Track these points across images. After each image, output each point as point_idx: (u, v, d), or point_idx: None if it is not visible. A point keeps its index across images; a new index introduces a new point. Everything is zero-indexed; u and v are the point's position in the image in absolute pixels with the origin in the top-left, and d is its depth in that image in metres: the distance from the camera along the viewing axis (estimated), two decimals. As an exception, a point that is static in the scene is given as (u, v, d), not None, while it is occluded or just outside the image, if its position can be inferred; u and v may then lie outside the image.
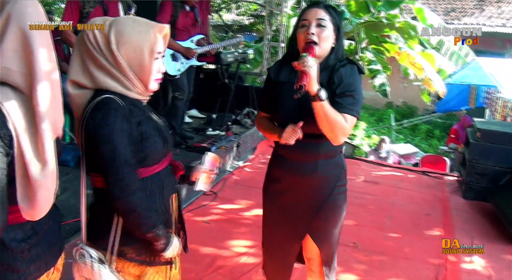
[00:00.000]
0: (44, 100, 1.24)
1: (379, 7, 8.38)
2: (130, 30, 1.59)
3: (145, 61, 1.61)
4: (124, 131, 1.55)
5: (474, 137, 5.20)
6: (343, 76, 2.03)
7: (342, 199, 2.23)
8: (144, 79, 1.64)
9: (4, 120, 1.17)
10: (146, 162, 1.66)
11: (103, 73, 1.59)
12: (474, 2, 15.63)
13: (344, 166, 2.24)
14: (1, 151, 1.17)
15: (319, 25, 2.01)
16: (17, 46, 1.20)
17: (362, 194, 5.07)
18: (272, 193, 2.29)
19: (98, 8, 3.85)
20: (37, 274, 1.41)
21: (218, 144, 5.22)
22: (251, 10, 13.78)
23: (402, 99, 16.14)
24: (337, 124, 1.94)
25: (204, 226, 4.04)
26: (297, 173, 2.16)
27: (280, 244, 2.32)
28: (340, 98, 2.00)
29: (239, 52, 6.10)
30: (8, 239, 1.31)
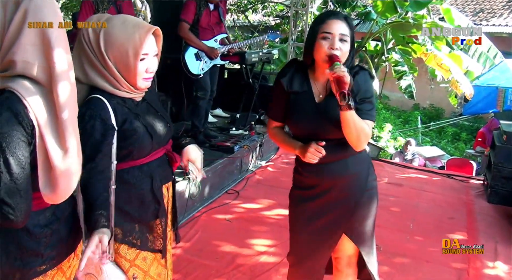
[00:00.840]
0: (64, 91, 1.28)
1: (406, 7, 8.30)
2: (117, 31, 1.65)
3: (130, 62, 1.66)
4: (95, 132, 1.63)
5: (501, 140, 5.12)
6: (360, 83, 2.03)
7: (375, 193, 2.25)
8: (130, 79, 1.71)
9: (26, 111, 1.22)
10: (131, 157, 1.76)
11: (94, 71, 1.68)
12: (503, 3, 15.34)
13: (370, 160, 2.29)
14: (24, 139, 1.22)
15: (341, 40, 1.99)
16: (35, 40, 1.24)
17: (385, 195, 5.02)
18: (303, 199, 2.24)
19: (112, 9, 3.91)
20: (59, 259, 1.47)
21: (241, 143, 5.24)
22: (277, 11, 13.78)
23: (429, 101, 15.95)
24: (363, 132, 1.97)
25: (226, 224, 4.08)
26: (327, 175, 2.13)
27: (313, 249, 2.27)
28: (360, 105, 2.01)
29: (263, 52, 6.12)
30: (32, 225, 1.36)
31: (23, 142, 1.21)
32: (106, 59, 1.65)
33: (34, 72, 1.24)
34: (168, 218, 1.96)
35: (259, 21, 14.60)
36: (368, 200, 2.20)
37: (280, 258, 3.42)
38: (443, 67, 8.67)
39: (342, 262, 2.29)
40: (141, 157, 1.79)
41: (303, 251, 2.29)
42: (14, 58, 1.22)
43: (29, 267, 1.39)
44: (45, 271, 1.43)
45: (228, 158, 4.90)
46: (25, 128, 1.22)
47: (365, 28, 10.53)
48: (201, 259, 3.41)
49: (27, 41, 1.22)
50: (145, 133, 1.76)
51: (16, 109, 1.20)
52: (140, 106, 1.81)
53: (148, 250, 1.86)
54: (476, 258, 3.67)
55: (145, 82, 1.75)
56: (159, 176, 1.86)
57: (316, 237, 2.23)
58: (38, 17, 1.24)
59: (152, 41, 1.72)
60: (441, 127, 14.70)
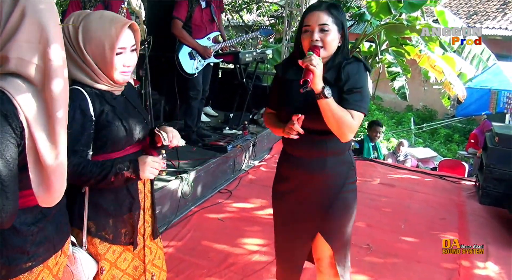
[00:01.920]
0: (58, 90, 1.28)
1: (400, 9, 8.31)
2: (94, 26, 1.70)
3: (107, 56, 1.71)
4: (74, 122, 1.67)
5: (493, 142, 5.14)
6: (350, 73, 2.05)
7: (352, 196, 2.23)
8: (108, 73, 1.75)
9: (16, 113, 1.20)
10: (105, 148, 1.80)
11: (74, 65, 1.72)
12: (497, 6, 15.42)
13: (353, 163, 2.24)
14: (12, 142, 1.20)
15: (322, 30, 2.02)
16: (32, 37, 1.23)
17: (377, 196, 5.05)
18: (281, 192, 2.29)
19: (99, 7, 3.88)
20: (46, 256, 1.48)
21: (234, 143, 5.25)
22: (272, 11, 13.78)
23: (422, 103, 16.00)
24: (344, 122, 1.97)
25: (218, 223, 4.08)
26: (305, 170, 2.17)
27: (290, 244, 2.32)
28: (347, 95, 2.02)
29: (257, 52, 6.13)
30: (19, 223, 1.37)
31: (12, 144, 1.20)
32: (85, 53, 1.69)
33: (27, 70, 1.23)
34: (145, 213, 1.99)
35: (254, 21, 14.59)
36: (344, 202, 2.19)
37: (272, 258, 3.41)
38: (436, 69, 8.69)
39: (323, 263, 2.28)
40: (115, 150, 1.82)
41: (282, 244, 2.36)
42: (8, 54, 1.21)
43: (15, 264, 1.39)
44: (31, 268, 1.43)
45: (221, 157, 4.90)
46: (14, 130, 1.21)
47: (359, 29, 10.54)
48: (193, 258, 3.41)
49: (23, 38, 1.22)
50: (119, 126, 1.79)
51: (6, 110, 1.18)
52: (117, 100, 1.85)
53: (120, 244, 1.90)
54: (467, 258, 3.69)
55: (122, 76, 1.79)
56: None
57: (292, 231, 2.27)
58: (36, 15, 1.23)
59: (129, 36, 1.77)
60: (434, 128, 14.75)
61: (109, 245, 1.87)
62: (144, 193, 1.98)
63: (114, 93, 1.84)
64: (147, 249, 2.01)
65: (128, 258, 1.95)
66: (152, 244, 2.06)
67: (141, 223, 1.97)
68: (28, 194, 1.33)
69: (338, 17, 2.05)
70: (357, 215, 2.28)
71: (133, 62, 1.81)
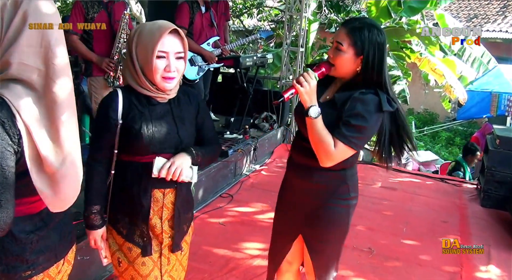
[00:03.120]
0: (61, 94, 1.27)
1: (400, 12, 8.35)
2: (144, 32, 1.80)
3: (148, 58, 1.78)
4: (100, 118, 1.87)
5: (494, 144, 5.14)
6: (356, 106, 1.91)
7: (339, 212, 2.12)
8: (151, 77, 1.81)
9: (14, 120, 1.19)
10: (130, 151, 1.88)
11: (127, 70, 1.87)
12: (497, 9, 15.45)
13: (347, 180, 2.10)
14: (9, 149, 1.19)
15: (336, 48, 1.96)
16: (34, 42, 1.22)
17: (379, 199, 5.04)
18: (281, 190, 2.34)
19: (102, 13, 3.89)
20: (46, 265, 1.45)
21: (235, 147, 5.25)
22: (272, 16, 13.81)
23: (423, 106, 16.01)
24: (322, 146, 1.91)
25: (219, 228, 4.07)
26: (296, 173, 2.19)
27: (275, 241, 2.37)
28: (343, 124, 1.92)
29: (258, 57, 6.14)
30: (17, 231, 1.35)
31: (8, 151, 1.18)
32: (134, 57, 1.80)
33: (29, 74, 1.22)
34: (163, 223, 1.95)
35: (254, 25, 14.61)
36: (328, 215, 2.11)
37: (273, 262, 3.42)
38: (437, 72, 8.71)
39: (308, 270, 2.25)
40: (139, 154, 1.86)
41: (272, 238, 2.39)
42: (10, 59, 1.20)
43: (14, 272, 1.38)
44: (30, 276, 1.41)
45: (222, 161, 4.90)
46: (11, 137, 1.19)
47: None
48: (194, 262, 3.39)
49: (26, 42, 1.21)
50: (141, 132, 1.83)
51: (4, 117, 1.17)
52: (156, 106, 1.89)
53: (133, 242, 1.93)
54: (469, 261, 3.68)
55: (165, 82, 1.83)
56: (152, 180, 1.85)
57: (280, 228, 2.31)
58: (39, 19, 1.23)
59: (174, 42, 1.82)
60: (435, 132, 14.75)
61: (123, 239, 1.94)
62: (163, 203, 1.94)
63: (156, 99, 1.88)
64: (164, 259, 1.99)
65: (148, 264, 1.94)
66: (171, 255, 2.02)
67: (159, 231, 1.95)
68: (27, 202, 1.33)
69: (357, 40, 1.92)
70: (358, 218, 2.27)
71: (177, 68, 1.84)
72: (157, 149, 1.86)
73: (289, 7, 7.18)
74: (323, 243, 2.17)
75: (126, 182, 1.90)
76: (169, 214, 1.97)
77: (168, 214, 1.96)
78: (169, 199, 1.96)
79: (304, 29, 7.22)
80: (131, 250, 1.93)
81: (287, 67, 7.36)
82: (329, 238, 2.16)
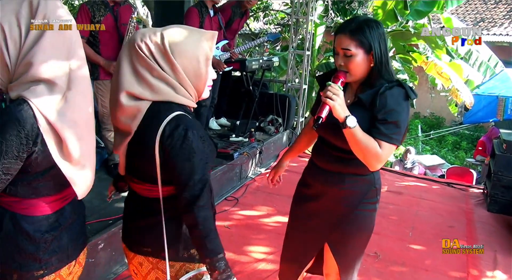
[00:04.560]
0: (83, 88, 1.38)
1: (407, 16, 8.34)
2: (184, 39, 1.59)
3: (201, 69, 1.61)
4: (201, 152, 1.57)
5: (500, 149, 5.11)
6: (387, 101, 1.91)
7: (368, 216, 2.15)
8: (199, 87, 1.65)
9: (33, 122, 1.27)
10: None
11: (163, 83, 1.58)
12: (504, 12, 15.40)
13: (375, 183, 2.13)
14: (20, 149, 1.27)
15: (345, 55, 1.94)
16: (57, 41, 1.31)
17: (385, 203, 5.01)
18: (301, 198, 2.28)
19: (108, 16, 3.89)
20: (58, 265, 1.48)
21: (241, 150, 5.24)
22: (278, 19, 13.81)
23: (429, 110, 15.97)
24: (369, 152, 1.88)
25: (224, 231, 4.06)
26: (324, 181, 2.14)
27: (296, 250, 2.31)
28: (380, 124, 1.91)
29: (264, 60, 6.14)
30: (33, 230, 1.39)
31: (19, 151, 1.26)
32: (178, 68, 1.57)
33: (51, 72, 1.29)
34: None
35: (260, 29, 14.62)
36: (358, 219, 2.12)
37: (278, 266, 3.40)
38: (443, 76, 8.69)
39: (331, 277, 2.25)
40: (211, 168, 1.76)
41: (289, 247, 2.35)
42: (32, 60, 1.26)
43: (27, 270, 1.41)
44: (42, 276, 1.44)
45: (227, 164, 4.90)
46: (28, 137, 1.27)
47: (366, 36, 10.57)
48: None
49: (49, 43, 1.29)
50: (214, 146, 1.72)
51: (22, 118, 1.24)
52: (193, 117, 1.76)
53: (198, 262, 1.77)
54: (475, 266, 3.66)
55: (207, 91, 1.71)
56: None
57: (303, 237, 2.26)
58: (58, 20, 1.32)
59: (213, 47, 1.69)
60: (442, 136, 14.71)
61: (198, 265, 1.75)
62: None
63: (192, 109, 1.73)
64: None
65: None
66: None
67: None
68: (44, 201, 1.40)
69: (362, 39, 1.92)
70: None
71: (215, 75, 1.73)
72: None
73: (295, 10, 7.19)
74: (351, 248, 2.18)
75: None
76: None
77: None
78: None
79: (311, 33, 7.22)
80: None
81: (293, 71, 7.37)
82: (356, 242, 2.17)
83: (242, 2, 5.70)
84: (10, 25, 1.27)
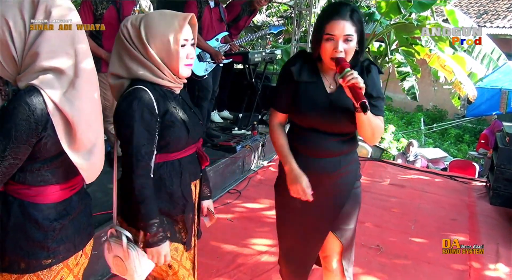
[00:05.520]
0: (90, 74, 1.41)
1: (410, 8, 8.29)
2: (156, 22, 1.75)
3: (172, 48, 1.74)
4: (143, 120, 1.69)
5: (503, 142, 5.11)
6: (375, 81, 2.06)
7: (359, 192, 2.26)
8: (173, 66, 1.78)
9: (42, 108, 1.29)
10: (167, 148, 1.81)
11: (137, 64, 1.76)
12: (507, 5, 15.32)
13: (358, 160, 2.27)
14: (28, 140, 1.30)
15: (346, 40, 1.92)
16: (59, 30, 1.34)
17: (387, 196, 5.03)
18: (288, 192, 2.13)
19: (111, 9, 3.86)
20: (65, 255, 1.49)
21: (243, 143, 5.25)
22: (281, 11, 13.77)
23: (432, 103, 15.94)
24: (379, 130, 2.02)
25: (227, 224, 4.08)
26: (320, 170, 2.09)
27: (300, 246, 2.28)
28: (376, 101, 2.04)
29: (266, 52, 6.11)
30: (42, 218, 1.41)
31: (28, 136, 1.29)
32: (149, 50, 1.73)
33: (58, 61, 1.32)
34: (194, 214, 2.01)
35: (263, 21, 14.58)
36: (354, 198, 2.21)
37: (281, 258, 3.42)
38: (446, 69, 8.65)
39: (331, 261, 2.25)
40: (175, 150, 1.83)
41: (291, 245, 2.31)
42: (38, 49, 1.29)
43: (34, 258, 1.41)
44: (50, 265, 1.45)
45: (230, 157, 4.90)
46: (37, 125, 1.29)
47: (369, 29, 10.50)
48: (202, 258, 3.37)
49: (52, 32, 1.31)
50: (182, 126, 1.82)
51: (31, 104, 1.27)
52: (177, 100, 1.88)
53: (178, 241, 1.91)
54: (478, 259, 3.66)
55: (186, 70, 1.82)
56: (189, 173, 1.90)
57: (304, 232, 2.23)
58: (59, 9, 1.34)
59: (189, 30, 1.81)
60: (444, 129, 14.69)
61: (169, 242, 1.83)
62: (195, 194, 1.99)
63: (175, 92, 1.87)
64: (193, 250, 2.07)
65: (185, 256, 1.97)
66: (196, 243, 2.10)
67: (195, 223, 2.01)
68: (53, 189, 1.42)
69: (358, 24, 1.95)
70: (366, 216, 2.29)
71: (194, 55, 1.85)
72: (193, 140, 1.90)
73: (298, 2, 7.17)
74: (351, 227, 2.24)
75: (164, 181, 1.81)
76: (196, 203, 2.03)
77: (196, 204, 2.02)
78: (197, 190, 2.03)
79: (313, 25, 7.20)
80: (178, 249, 1.91)
81: (296, 64, 7.33)
82: (354, 219, 2.25)
83: (252, 2, 5.67)
84: (14, 17, 1.29)
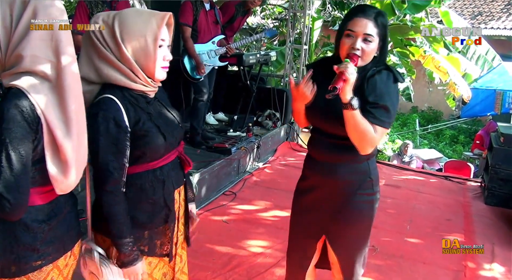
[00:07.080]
0: (71, 84, 1.37)
1: (404, 10, 8.32)
2: (132, 20, 1.61)
3: (149, 49, 1.62)
4: (108, 134, 1.58)
5: (498, 142, 5.12)
6: (377, 85, 1.93)
7: (365, 209, 2.12)
8: (149, 68, 1.65)
9: (33, 108, 1.29)
10: (144, 158, 1.70)
11: (107, 65, 1.62)
12: (502, 6, 15.39)
13: (370, 174, 2.10)
14: (27, 136, 1.29)
15: (365, 39, 1.91)
16: (44, 35, 1.32)
17: (382, 197, 4.93)
18: (300, 191, 2.25)
19: (106, 11, 3.87)
20: (55, 256, 1.50)
21: (238, 145, 5.24)
22: (276, 13, 13.78)
23: (427, 104, 15.97)
24: (366, 135, 1.88)
25: (223, 225, 4.07)
26: (320, 172, 2.11)
27: (298, 242, 2.30)
28: (372, 108, 1.91)
29: (261, 54, 6.11)
30: (30, 220, 1.40)
31: (26, 139, 1.29)
32: (124, 50, 1.60)
33: (41, 66, 1.31)
34: (179, 222, 1.92)
35: (258, 23, 14.60)
36: (354, 211, 2.10)
37: (277, 260, 3.42)
38: (441, 70, 8.69)
39: (335, 268, 2.24)
40: (154, 159, 1.73)
41: (293, 241, 2.32)
42: (23, 52, 1.28)
43: (25, 262, 1.41)
44: (40, 266, 1.45)
45: (225, 159, 4.89)
46: (30, 125, 1.29)
47: (363, 30, 10.56)
48: (197, 260, 3.40)
49: (37, 36, 1.30)
50: (157, 134, 1.70)
51: (23, 105, 1.26)
52: (152, 104, 1.76)
53: (155, 255, 1.83)
54: (473, 259, 3.67)
55: (162, 72, 1.71)
56: (171, 181, 1.81)
57: (303, 230, 2.24)
58: (47, 13, 1.32)
59: (166, 30, 1.70)
60: (439, 130, 14.72)
61: (145, 256, 1.77)
62: (179, 202, 1.90)
63: (149, 96, 1.74)
64: (177, 257, 1.96)
65: (160, 266, 1.89)
66: (183, 252, 2.01)
67: (176, 231, 1.89)
68: (40, 191, 1.41)
69: (383, 29, 1.94)
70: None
71: (171, 57, 1.73)
72: (172, 146, 1.80)
73: (292, 4, 7.17)
74: (348, 240, 2.16)
75: (146, 194, 1.73)
76: (182, 211, 1.94)
77: (181, 212, 1.94)
78: (182, 196, 1.93)
79: (308, 27, 7.21)
80: (151, 263, 1.83)
81: (290, 65, 7.35)
82: (353, 234, 2.15)
83: (246, 2, 5.68)
84: (4, 12, 1.28)
